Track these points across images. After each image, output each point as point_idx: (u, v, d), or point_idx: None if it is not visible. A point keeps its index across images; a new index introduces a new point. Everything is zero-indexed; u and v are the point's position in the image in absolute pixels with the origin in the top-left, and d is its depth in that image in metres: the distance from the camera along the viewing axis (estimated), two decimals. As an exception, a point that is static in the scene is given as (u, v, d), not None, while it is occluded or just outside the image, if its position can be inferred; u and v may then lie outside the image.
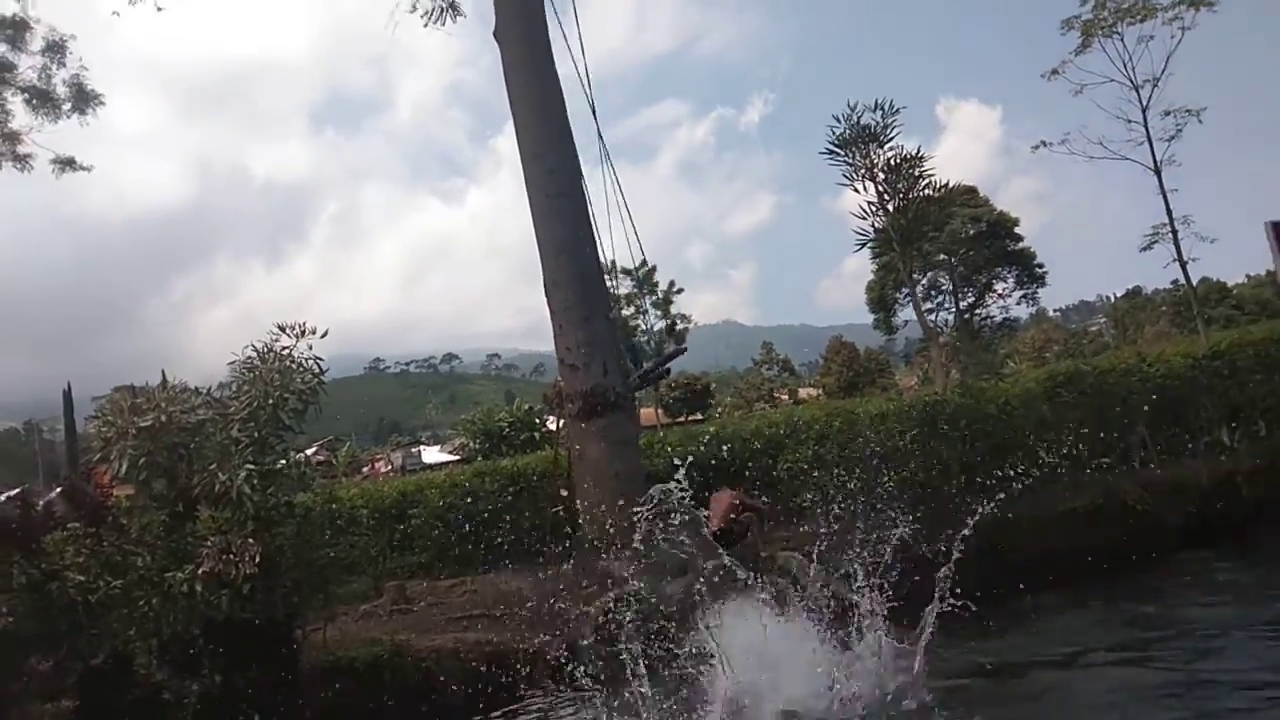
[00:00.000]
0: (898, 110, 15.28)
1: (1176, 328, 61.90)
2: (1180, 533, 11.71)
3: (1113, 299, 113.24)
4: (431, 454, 63.92)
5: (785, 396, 70.04)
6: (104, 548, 8.67)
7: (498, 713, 9.50)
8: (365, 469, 50.38)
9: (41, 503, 9.28)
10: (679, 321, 50.90)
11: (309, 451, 9.96)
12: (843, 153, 15.34)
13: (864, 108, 15.31)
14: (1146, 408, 12.42)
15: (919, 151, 15.03)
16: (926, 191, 14.98)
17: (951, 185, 15.46)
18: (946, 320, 49.72)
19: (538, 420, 44.55)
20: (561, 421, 14.66)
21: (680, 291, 51.42)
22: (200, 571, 8.32)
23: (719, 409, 65.00)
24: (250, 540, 8.50)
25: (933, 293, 50.31)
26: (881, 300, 51.76)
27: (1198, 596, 9.67)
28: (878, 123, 15.09)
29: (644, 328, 45.63)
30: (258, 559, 8.41)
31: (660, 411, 56.21)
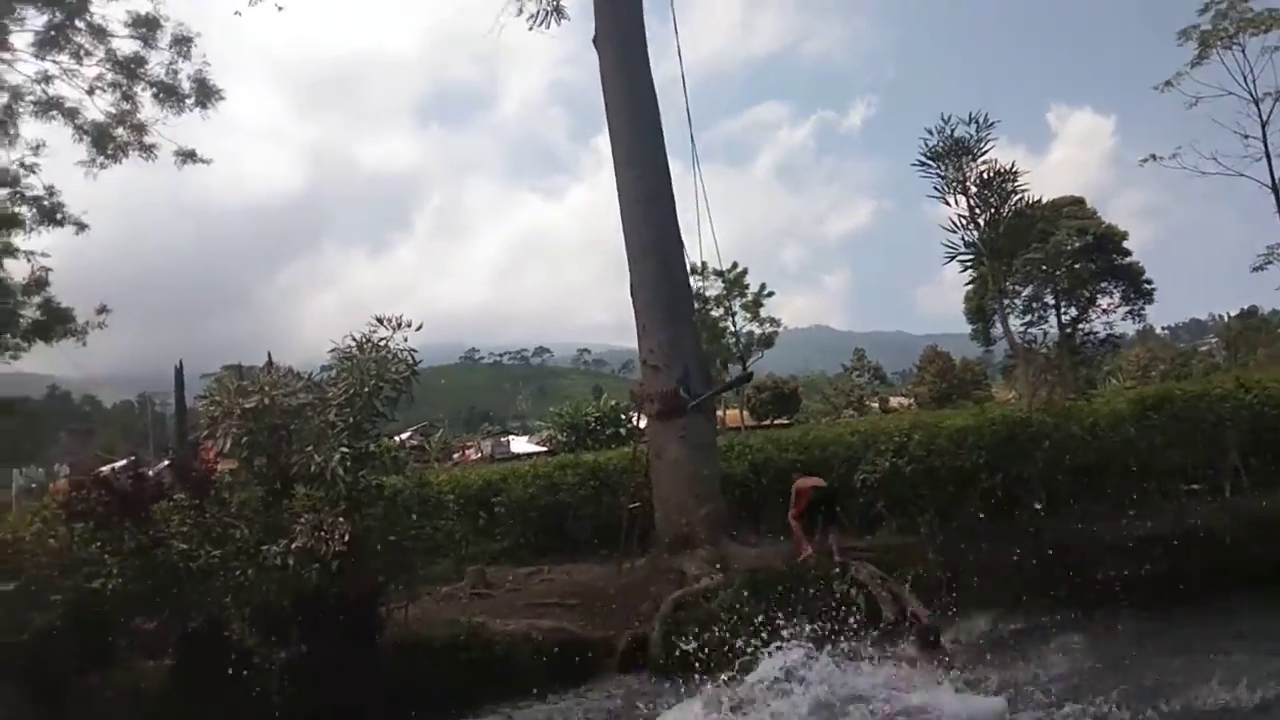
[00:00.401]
0: (992, 124, 15.03)
1: (1294, 352, 58.90)
2: (1269, 566, 11.33)
3: (1225, 318, 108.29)
4: (520, 444, 64.97)
5: (875, 404, 69.10)
6: (206, 519, 9.28)
7: (566, 695, 9.81)
8: (456, 455, 51.60)
9: (151, 473, 9.97)
10: (770, 325, 50.49)
11: (404, 435, 10.47)
12: (935, 165, 15.21)
13: (958, 120, 15.21)
14: (1239, 435, 12.05)
15: (1013, 166, 14.81)
16: (1019, 207, 14.71)
17: (1044, 201, 15.10)
18: (1047, 334, 48.28)
19: (623, 416, 44.96)
20: (644, 419, 14.91)
21: (771, 294, 51.00)
22: (293, 546, 8.85)
23: (805, 415, 64.50)
24: (341, 519, 9.00)
25: (1034, 305, 48.81)
26: (980, 310, 50.39)
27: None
28: (971, 136, 14.92)
29: (733, 329, 45.55)
30: (347, 537, 8.90)
31: (746, 414, 56.08)
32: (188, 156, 20.25)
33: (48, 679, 8.53)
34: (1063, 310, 50.10)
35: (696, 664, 10.08)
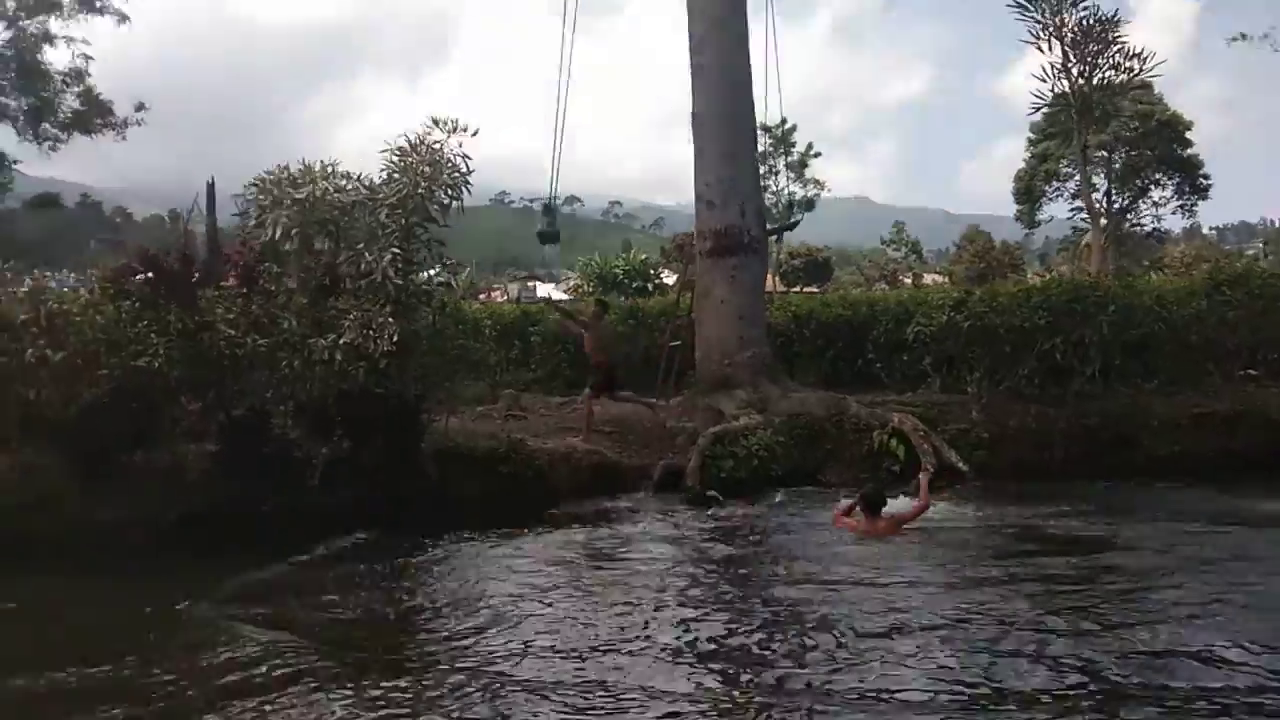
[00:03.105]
0: (1098, -37, 13.87)
1: (1347, 261, 57.28)
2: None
3: (1276, 223, 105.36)
4: (546, 290, 64.91)
5: (909, 280, 68.11)
6: (253, 309, 9.12)
7: (599, 501, 9.96)
8: (482, 296, 51.65)
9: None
10: (814, 187, 49.22)
11: (431, 272, 10.18)
12: (1031, 7, 14.14)
13: (1062, -43, 13.94)
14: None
15: (1115, 14, 13.76)
16: (1118, 59, 13.74)
17: (1146, 55, 14.13)
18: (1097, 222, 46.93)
19: (651, 271, 44.57)
20: (675, 276, 14.60)
21: (818, 155, 49.49)
22: (341, 341, 8.71)
23: (835, 285, 63.77)
24: (390, 319, 8.82)
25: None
26: (1029, 191, 48.70)
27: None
28: (1074, -24, 13.77)
29: (774, 189, 44.42)
30: (395, 338, 8.74)
31: (776, 279, 55.46)
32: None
33: (93, 453, 8.56)
34: (1113, 199, 48.60)
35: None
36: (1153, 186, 48.45)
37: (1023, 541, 8.36)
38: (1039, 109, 14.92)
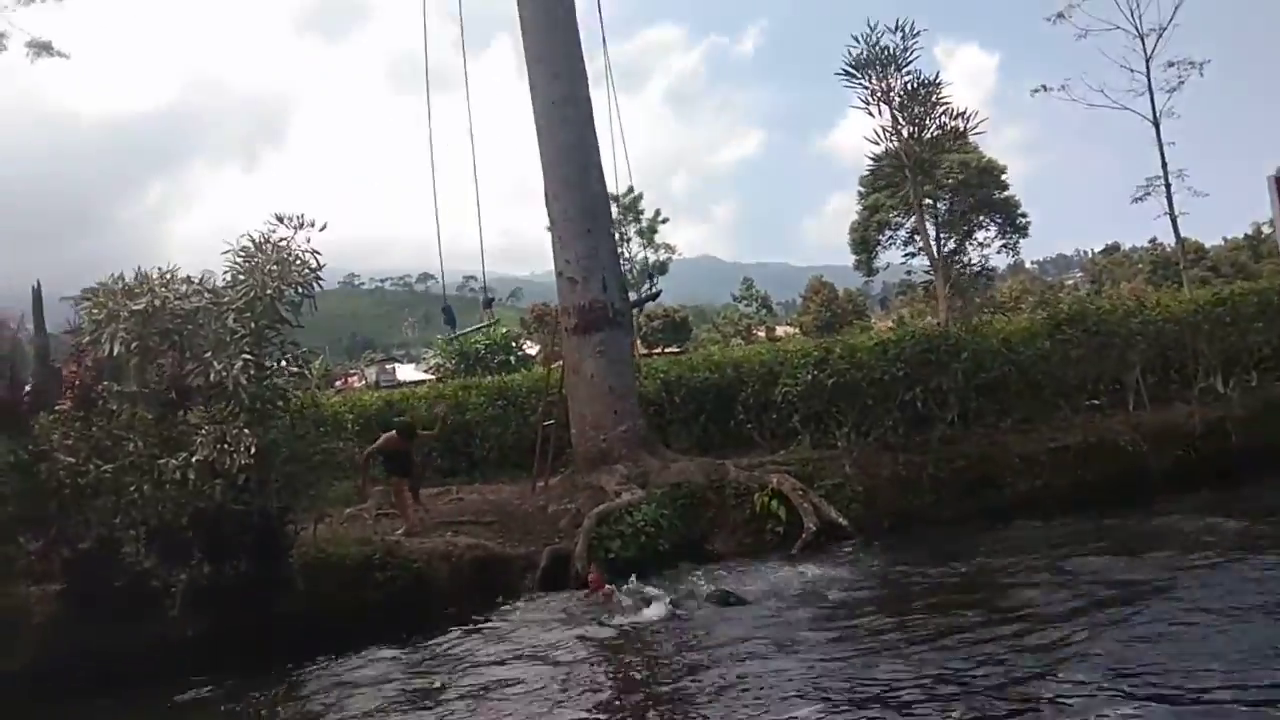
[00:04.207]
0: (918, 33, 14.81)
1: (1152, 285, 62.24)
2: (1167, 475, 11.83)
3: (1091, 254, 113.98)
4: (406, 371, 63.56)
5: (762, 333, 70.07)
6: (93, 432, 8.43)
7: (486, 615, 9.47)
8: (339, 383, 50.04)
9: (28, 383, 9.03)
10: (664, 251, 50.26)
11: (281, 363, 9.68)
12: (859, 75, 14.92)
13: (884, 28, 14.84)
14: (1144, 350, 12.44)
15: (937, 77, 14.69)
16: (944, 119, 14.63)
17: (969, 114, 15.16)
18: (924, 266, 49.50)
19: (513, 344, 44.25)
20: (538, 348, 14.51)
21: (665, 221, 50.73)
22: (194, 460, 8.13)
23: (694, 343, 64.95)
24: (246, 430, 8.30)
25: (914, 236, 49.93)
26: (864, 242, 51.16)
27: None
28: (898, 45, 14.67)
29: (627, 256, 45.03)
30: (253, 449, 8.22)
31: (638, 342, 56.02)
32: (42, 49, 18.44)
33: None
34: (942, 242, 51.47)
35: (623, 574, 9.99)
36: (977, 229, 51.80)
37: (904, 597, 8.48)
38: (875, 168, 15.68)
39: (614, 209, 44.09)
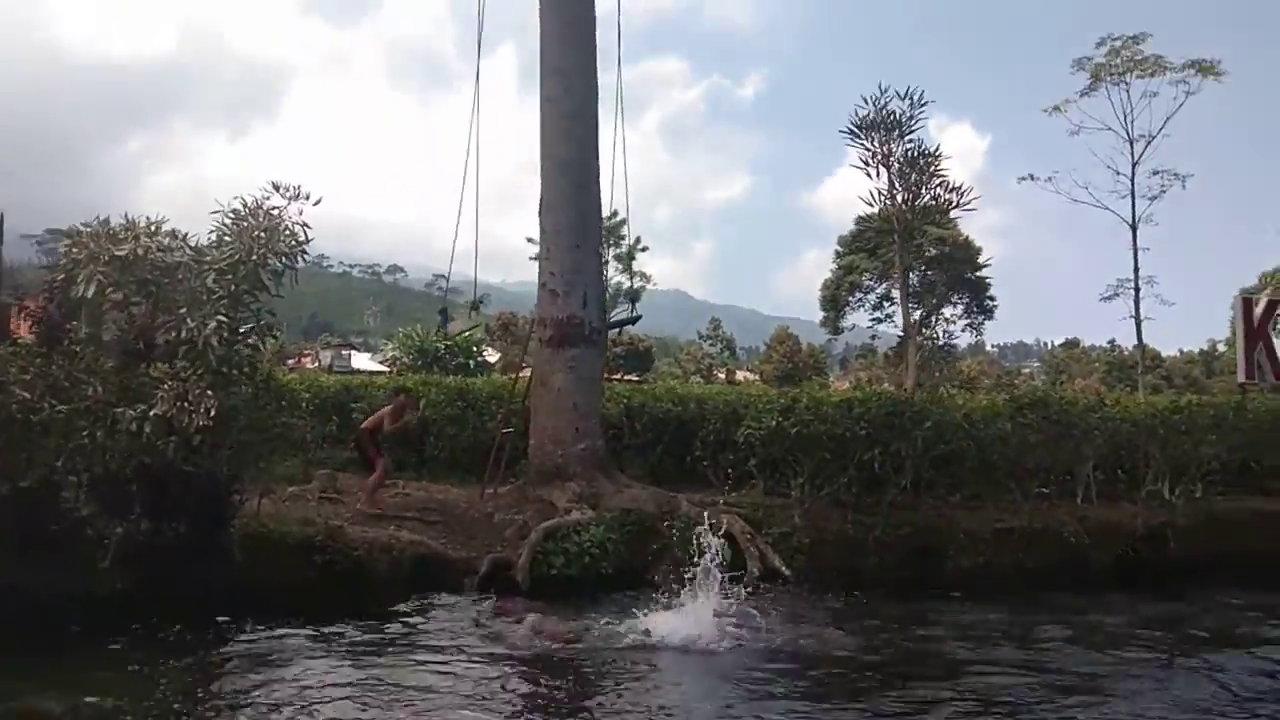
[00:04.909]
0: (925, 103, 15.24)
1: (1106, 385, 63.69)
2: (1106, 571, 12.06)
3: (1050, 345, 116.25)
4: (361, 360, 62.91)
5: (722, 375, 70.45)
6: (53, 370, 8.27)
7: (415, 603, 9.48)
8: (291, 361, 49.31)
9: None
10: (640, 279, 50.52)
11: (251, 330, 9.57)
12: (863, 135, 15.21)
13: (894, 93, 15.20)
14: (1100, 446, 12.71)
15: (938, 149, 15.03)
16: (939, 190, 14.95)
17: (964, 188, 15.50)
18: (890, 334, 50.22)
19: (474, 349, 43.99)
20: (498, 355, 14.52)
21: (645, 249, 51.07)
22: (152, 413, 8.00)
23: (655, 374, 65.13)
24: (209, 392, 8.19)
25: (884, 303, 50.68)
26: (834, 300, 51.94)
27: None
28: (904, 111, 15.00)
29: (604, 279, 45.20)
30: (213, 412, 8.11)
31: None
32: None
33: None
34: (910, 312, 52.21)
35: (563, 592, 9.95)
36: (946, 304, 52.68)
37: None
38: (858, 229, 15.99)
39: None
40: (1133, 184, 26.17)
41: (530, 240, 12.66)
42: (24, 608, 7.31)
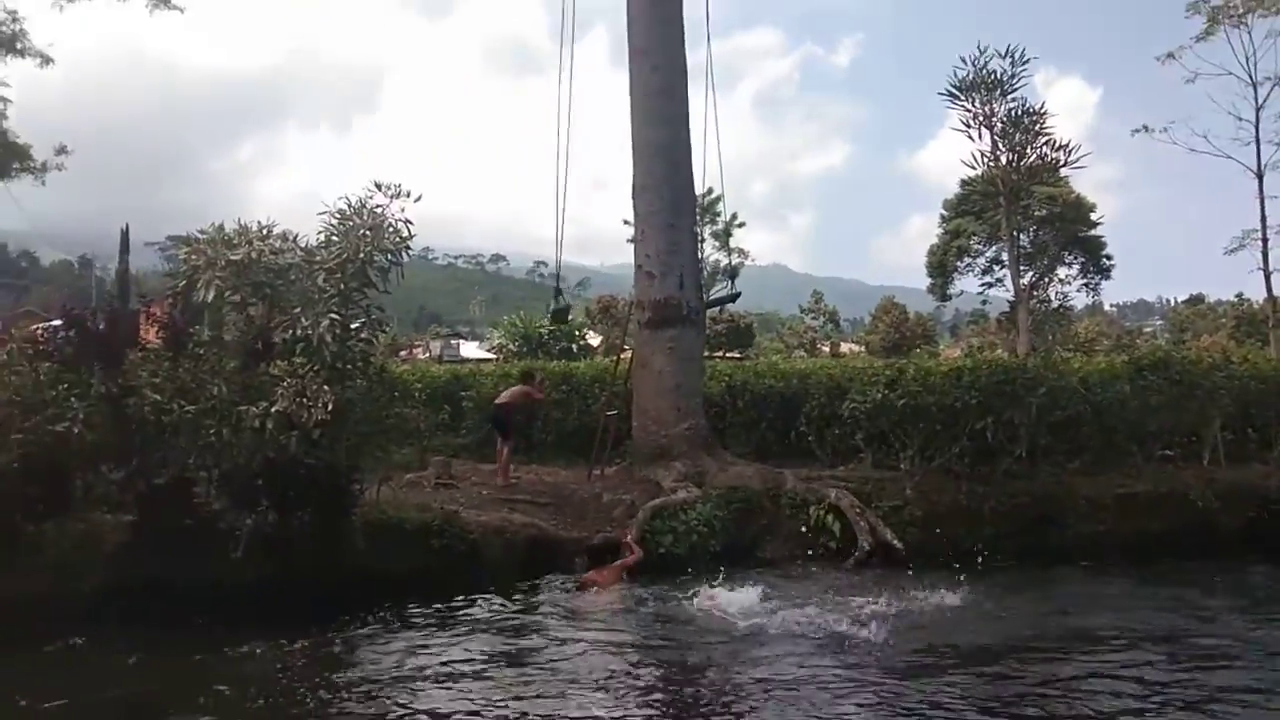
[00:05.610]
0: (1028, 60, 14.59)
1: (1235, 341, 60.36)
2: (1236, 536, 11.51)
3: (1174, 302, 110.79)
4: (469, 349, 64.34)
5: (826, 348, 69.55)
6: (180, 373, 8.73)
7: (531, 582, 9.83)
8: (403, 353, 50.83)
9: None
10: (738, 256, 50.16)
11: (353, 327, 9.91)
12: (963, 97, 14.71)
13: (994, 52, 14.65)
14: (1225, 407, 12.12)
15: (1042, 106, 14.39)
16: (1044, 149, 14.36)
17: (1071, 146, 14.81)
18: (1001, 298, 48.47)
19: (576, 333, 44.51)
20: (600, 339, 14.68)
21: (742, 225, 50.64)
22: (273, 410, 8.37)
23: (757, 351, 64.72)
24: (325, 387, 8.52)
25: (994, 266, 48.95)
26: (941, 266, 50.28)
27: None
28: (1005, 70, 14.43)
29: (700, 257, 45.12)
30: (330, 406, 8.44)
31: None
32: (162, 1, 19.07)
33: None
34: (1020, 275, 50.32)
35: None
36: (1059, 265, 50.56)
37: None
38: (964, 193, 15.53)
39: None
40: (1256, 130, 24.52)
41: (626, 222, 12.74)
42: (162, 600, 7.77)
